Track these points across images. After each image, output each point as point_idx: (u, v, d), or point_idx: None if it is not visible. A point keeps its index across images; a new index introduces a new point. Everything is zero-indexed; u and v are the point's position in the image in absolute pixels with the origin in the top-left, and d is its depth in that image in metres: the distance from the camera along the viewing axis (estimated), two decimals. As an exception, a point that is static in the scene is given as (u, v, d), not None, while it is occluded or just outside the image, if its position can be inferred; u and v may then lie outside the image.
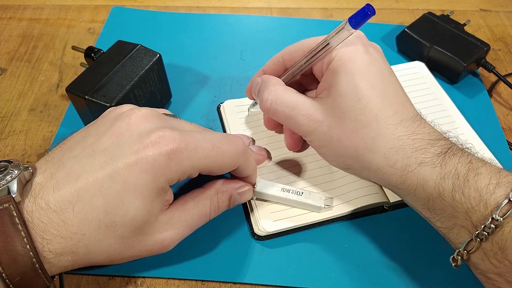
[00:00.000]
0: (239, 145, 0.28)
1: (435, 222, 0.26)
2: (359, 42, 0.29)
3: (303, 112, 0.29)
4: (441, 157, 0.25)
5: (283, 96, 0.30)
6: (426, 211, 0.26)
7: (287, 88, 0.31)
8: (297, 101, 0.29)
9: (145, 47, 0.37)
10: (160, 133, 0.25)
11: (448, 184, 0.24)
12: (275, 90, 0.30)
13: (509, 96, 0.43)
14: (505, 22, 0.52)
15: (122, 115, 0.26)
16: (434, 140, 0.26)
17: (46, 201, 0.23)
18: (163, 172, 0.24)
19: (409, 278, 0.30)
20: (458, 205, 0.24)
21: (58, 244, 0.23)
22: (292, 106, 0.29)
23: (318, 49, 0.29)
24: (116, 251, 0.25)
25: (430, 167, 0.25)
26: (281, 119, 0.30)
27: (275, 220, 0.32)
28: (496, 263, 0.23)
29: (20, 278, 0.22)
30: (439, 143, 0.26)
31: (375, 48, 0.30)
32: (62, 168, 0.25)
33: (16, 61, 0.46)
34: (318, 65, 0.30)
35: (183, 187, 0.34)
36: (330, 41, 0.28)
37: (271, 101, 0.30)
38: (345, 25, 0.26)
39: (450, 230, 0.25)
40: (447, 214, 0.25)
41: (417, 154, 0.26)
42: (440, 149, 0.26)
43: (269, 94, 0.30)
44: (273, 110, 0.30)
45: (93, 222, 0.24)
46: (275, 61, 0.34)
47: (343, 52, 0.28)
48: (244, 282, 0.30)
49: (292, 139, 0.34)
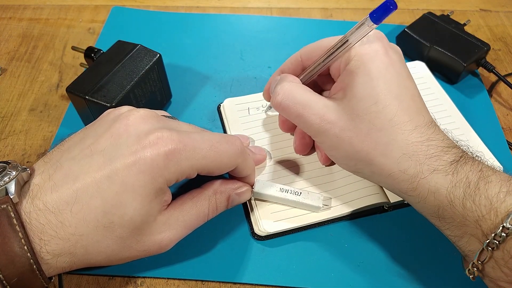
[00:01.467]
0: (237, 145, 0.28)
1: (445, 230, 0.26)
2: (379, 43, 0.28)
3: (315, 111, 0.28)
4: (453, 165, 0.25)
5: (295, 93, 0.29)
6: (436, 219, 0.26)
7: (301, 86, 0.30)
8: (310, 99, 0.29)
9: (145, 47, 0.37)
10: (158, 133, 0.25)
11: (459, 192, 0.24)
12: (288, 85, 0.30)
13: (509, 96, 0.43)
14: (505, 22, 0.52)
15: (120, 117, 0.26)
16: (447, 147, 0.26)
17: (44, 202, 0.23)
18: (161, 173, 0.24)
19: (409, 278, 0.30)
20: (468, 213, 0.24)
21: (56, 245, 0.23)
22: (304, 104, 0.29)
23: (336, 47, 0.28)
24: (114, 251, 0.25)
25: (442, 174, 0.25)
26: (292, 116, 0.30)
27: (276, 221, 0.32)
28: (508, 271, 0.23)
29: (17, 280, 0.22)
30: (452, 151, 0.26)
31: (395, 50, 0.29)
32: (60, 169, 0.25)
33: (16, 61, 0.46)
34: (336, 64, 0.30)
35: (181, 187, 0.33)
36: (350, 37, 0.27)
37: (282, 96, 0.29)
38: (365, 20, 0.26)
39: (460, 238, 0.25)
40: (457, 223, 0.24)
41: (431, 161, 0.25)
42: (453, 157, 0.25)
43: (282, 89, 0.30)
44: (284, 106, 0.29)
45: (91, 223, 0.24)
46: (293, 60, 0.33)
47: (362, 53, 0.28)
48: (244, 282, 0.30)
49: (301, 143, 0.33)
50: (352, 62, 0.28)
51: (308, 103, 0.28)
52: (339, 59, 0.29)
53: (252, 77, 0.44)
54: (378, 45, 0.28)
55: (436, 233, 0.32)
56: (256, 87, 0.43)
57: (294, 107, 0.29)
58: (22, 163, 0.37)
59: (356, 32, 0.27)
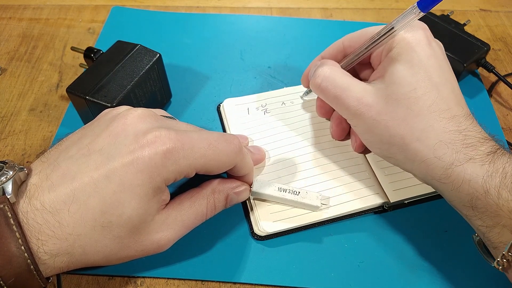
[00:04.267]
0: (236, 144, 0.28)
1: (475, 221, 0.26)
2: (422, 34, 0.29)
3: (354, 94, 0.29)
4: (490, 156, 0.25)
5: (335, 75, 0.30)
6: (468, 209, 0.26)
7: (341, 70, 0.31)
8: (349, 82, 0.29)
9: (145, 47, 0.37)
10: (156, 132, 0.25)
11: (496, 182, 0.24)
12: (328, 69, 0.30)
13: (509, 96, 0.43)
14: (505, 22, 0.52)
15: (118, 116, 0.26)
16: (484, 139, 0.26)
17: (41, 201, 0.23)
18: (159, 172, 0.24)
19: (409, 278, 0.30)
20: (504, 203, 0.24)
21: (53, 245, 0.23)
22: (343, 86, 0.29)
23: (381, 33, 0.29)
24: (112, 251, 0.25)
25: (479, 164, 0.25)
26: (330, 98, 0.30)
27: (275, 221, 0.32)
28: None
29: (14, 280, 0.22)
30: (489, 143, 0.26)
31: (437, 43, 0.30)
32: (57, 168, 0.25)
33: (16, 61, 0.46)
34: (377, 52, 0.30)
35: (180, 186, 0.34)
36: (395, 25, 0.28)
37: (322, 78, 0.30)
38: (412, 8, 0.26)
39: (491, 229, 0.25)
40: (490, 213, 0.24)
41: (468, 150, 0.25)
42: (490, 149, 0.25)
43: (322, 72, 0.30)
44: (323, 87, 0.30)
45: (88, 223, 0.24)
46: (335, 47, 0.34)
47: (405, 41, 0.28)
48: (244, 282, 0.30)
49: (338, 128, 0.34)
50: (395, 49, 0.28)
51: (347, 86, 0.29)
52: (381, 46, 0.30)
53: (252, 77, 0.44)
54: (421, 34, 0.28)
55: (435, 233, 0.32)
56: (256, 87, 0.43)
57: (333, 89, 0.29)
58: (22, 163, 0.37)
59: (402, 20, 0.27)
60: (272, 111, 0.39)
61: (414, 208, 0.33)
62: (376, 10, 0.53)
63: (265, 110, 0.39)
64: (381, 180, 0.34)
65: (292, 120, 0.38)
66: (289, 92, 0.41)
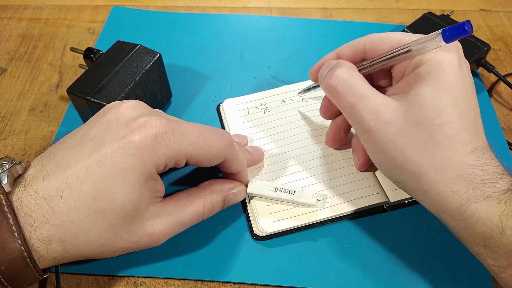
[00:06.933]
0: (226, 137, 0.28)
1: (488, 260, 0.24)
2: (455, 54, 0.26)
3: (372, 106, 0.26)
4: (507, 194, 0.24)
5: (355, 81, 0.27)
6: (479, 247, 0.24)
7: (360, 75, 0.28)
8: (369, 92, 0.27)
9: (145, 47, 0.37)
10: (146, 118, 0.25)
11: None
12: (348, 72, 0.28)
13: (509, 96, 0.43)
14: (505, 22, 0.52)
15: (112, 107, 0.27)
16: (501, 174, 0.24)
17: (35, 189, 0.24)
18: (149, 156, 0.24)
19: (409, 278, 0.30)
20: None
21: (46, 231, 0.23)
22: (362, 95, 0.26)
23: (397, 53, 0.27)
24: (106, 241, 0.25)
25: (495, 202, 0.23)
26: (343, 104, 0.27)
27: (275, 221, 0.32)
28: None
29: (8, 266, 0.22)
30: (506, 179, 0.24)
31: (467, 64, 0.27)
32: (53, 159, 0.25)
33: (16, 61, 0.46)
34: (402, 64, 0.28)
35: (178, 186, 0.34)
36: (413, 48, 0.26)
37: (339, 81, 0.27)
38: (436, 36, 0.25)
39: (506, 269, 0.23)
40: (504, 253, 0.23)
41: (485, 187, 0.24)
42: (507, 186, 0.24)
43: (340, 73, 0.28)
44: (338, 91, 0.27)
45: (82, 209, 0.24)
46: (354, 46, 0.30)
47: (436, 59, 0.26)
48: (244, 282, 0.30)
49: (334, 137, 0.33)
50: (423, 66, 0.26)
51: (366, 95, 0.26)
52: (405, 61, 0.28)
53: (252, 77, 0.44)
54: (454, 55, 0.26)
55: (435, 233, 0.32)
56: (256, 87, 0.43)
57: (350, 95, 0.27)
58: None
59: (422, 45, 0.26)
60: (272, 110, 0.39)
61: (414, 208, 0.33)
62: (376, 10, 0.53)
63: (265, 109, 0.39)
64: (381, 180, 0.34)
65: (291, 119, 0.38)
66: (288, 90, 0.41)
